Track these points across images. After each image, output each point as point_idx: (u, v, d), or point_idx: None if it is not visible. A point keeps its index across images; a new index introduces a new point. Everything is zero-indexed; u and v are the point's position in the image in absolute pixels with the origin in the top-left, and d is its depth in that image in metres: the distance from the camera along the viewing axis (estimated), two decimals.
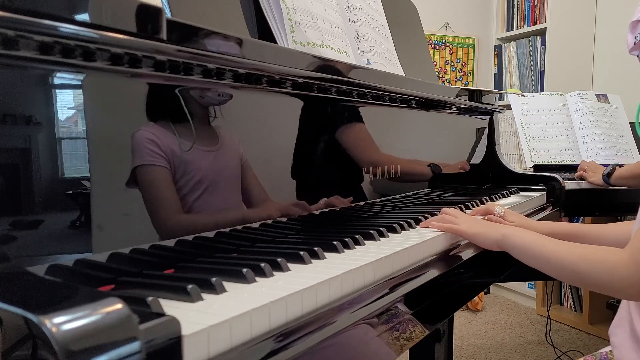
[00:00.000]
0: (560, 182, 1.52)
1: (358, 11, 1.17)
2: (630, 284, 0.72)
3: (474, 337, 2.49)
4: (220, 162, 0.69)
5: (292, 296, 0.50)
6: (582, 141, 2.10)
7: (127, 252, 0.56)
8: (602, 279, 0.74)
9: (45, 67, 0.49)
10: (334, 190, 0.92)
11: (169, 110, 0.62)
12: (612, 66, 2.76)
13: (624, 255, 0.73)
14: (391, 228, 0.84)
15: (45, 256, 0.49)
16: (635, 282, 0.71)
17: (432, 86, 1.23)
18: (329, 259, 0.65)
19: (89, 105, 0.53)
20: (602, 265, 0.74)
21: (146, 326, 0.35)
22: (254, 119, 0.76)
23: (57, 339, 0.31)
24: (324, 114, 0.90)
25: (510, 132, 2.27)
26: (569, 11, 2.79)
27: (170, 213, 0.61)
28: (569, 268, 0.77)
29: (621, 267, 0.72)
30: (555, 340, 2.32)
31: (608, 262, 0.74)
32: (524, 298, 2.98)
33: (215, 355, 0.41)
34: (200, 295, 0.48)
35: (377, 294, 0.61)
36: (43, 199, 0.50)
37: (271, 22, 0.91)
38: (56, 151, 0.51)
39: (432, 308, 0.74)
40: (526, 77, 2.99)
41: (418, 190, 1.22)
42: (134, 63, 0.56)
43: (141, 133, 0.58)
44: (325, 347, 0.50)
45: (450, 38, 3.16)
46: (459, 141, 1.47)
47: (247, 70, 0.70)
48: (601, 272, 0.74)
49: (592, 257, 0.75)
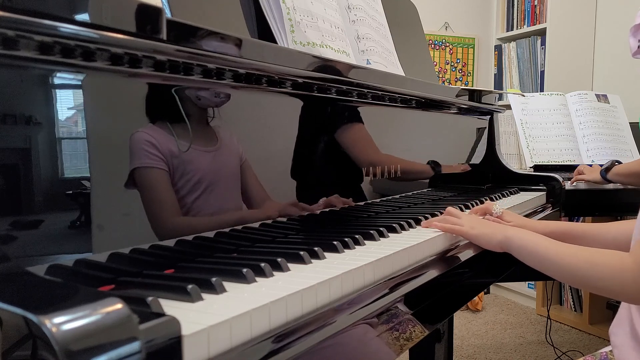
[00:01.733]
0: (560, 182, 1.52)
1: (358, 11, 1.17)
2: (635, 289, 0.72)
3: (474, 337, 2.49)
4: (220, 162, 0.69)
5: (292, 296, 0.50)
6: (582, 141, 2.10)
7: (127, 252, 0.56)
8: (605, 283, 0.74)
9: (45, 67, 0.49)
10: (334, 191, 0.92)
11: (169, 110, 0.62)
12: (612, 66, 2.76)
13: (629, 259, 0.73)
14: (391, 228, 0.84)
15: (45, 256, 0.49)
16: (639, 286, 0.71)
17: (432, 86, 1.23)
18: (329, 259, 0.65)
19: (89, 105, 0.53)
20: (606, 269, 0.74)
21: (146, 326, 0.35)
22: (253, 119, 0.76)
23: (57, 339, 0.31)
24: (324, 114, 0.90)
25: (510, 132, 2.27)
26: (569, 11, 2.79)
27: (168, 215, 0.61)
28: (573, 271, 0.77)
29: (625, 271, 0.72)
30: (555, 340, 2.32)
31: (612, 266, 0.73)
32: (524, 298, 2.98)
33: (215, 355, 0.41)
34: (200, 295, 0.48)
35: (377, 294, 0.61)
36: (43, 199, 0.50)
37: (271, 22, 0.91)
38: (56, 151, 0.51)
39: (432, 308, 0.74)
40: (526, 77, 2.99)
41: (418, 190, 1.22)
42: (134, 63, 0.56)
43: (139, 135, 0.58)
44: (326, 347, 0.50)
45: (450, 38, 3.16)
46: (459, 141, 1.47)
47: (247, 70, 0.70)
48: (605, 276, 0.74)
49: (596, 260, 0.75)
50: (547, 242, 0.82)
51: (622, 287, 0.73)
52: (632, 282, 0.72)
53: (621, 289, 0.73)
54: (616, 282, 0.73)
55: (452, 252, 0.84)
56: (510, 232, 0.85)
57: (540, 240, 0.82)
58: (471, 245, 0.88)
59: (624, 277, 0.72)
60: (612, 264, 0.74)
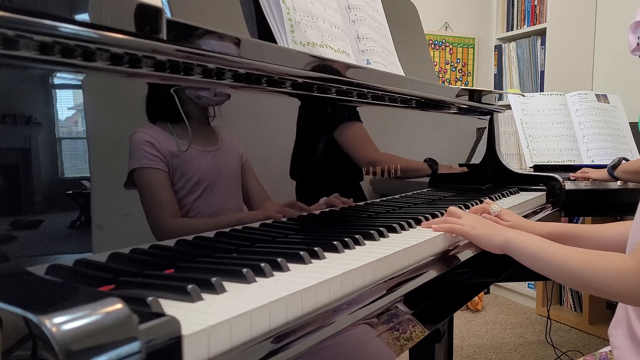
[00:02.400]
0: (560, 182, 1.52)
1: (358, 11, 1.17)
2: (635, 291, 0.72)
3: (474, 337, 2.49)
4: (220, 162, 0.69)
5: (292, 296, 0.50)
6: (582, 141, 2.11)
7: (127, 252, 0.56)
8: (606, 285, 0.74)
9: (45, 67, 0.49)
10: (333, 191, 0.92)
11: (169, 110, 0.62)
12: (612, 66, 2.76)
13: (629, 261, 0.73)
14: (391, 228, 0.84)
15: (45, 256, 0.49)
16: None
17: (432, 86, 1.23)
18: (329, 259, 0.65)
19: (89, 105, 0.53)
20: (606, 272, 0.74)
21: (146, 326, 0.35)
22: (253, 119, 0.76)
23: (57, 339, 0.31)
24: (324, 114, 0.90)
25: (510, 132, 2.27)
26: (569, 11, 2.79)
27: (167, 216, 0.61)
28: (573, 273, 0.77)
29: (626, 273, 0.72)
30: (555, 340, 2.32)
31: (613, 269, 0.73)
32: (524, 298, 2.98)
33: (215, 355, 0.41)
34: (200, 295, 0.48)
35: (377, 294, 0.61)
36: (43, 199, 0.50)
37: (271, 22, 0.91)
38: (56, 151, 0.51)
39: (432, 308, 0.74)
40: (526, 77, 2.99)
41: (418, 190, 1.22)
42: (134, 63, 0.56)
43: (139, 135, 0.58)
44: (325, 347, 0.50)
45: (450, 38, 3.16)
46: (459, 141, 1.47)
47: (247, 70, 0.70)
48: (606, 279, 0.74)
49: (596, 262, 0.75)
50: (546, 244, 0.81)
51: (623, 289, 0.73)
52: (633, 284, 0.71)
53: (622, 291, 0.73)
54: (616, 284, 0.73)
55: (452, 252, 0.84)
56: (509, 235, 0.85)
57: (539, 242, 0.82)
58: (471, 246, 0.88)
59: (624, 279, 0.72)
60: (612, 266, 0.74)
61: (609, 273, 0.74)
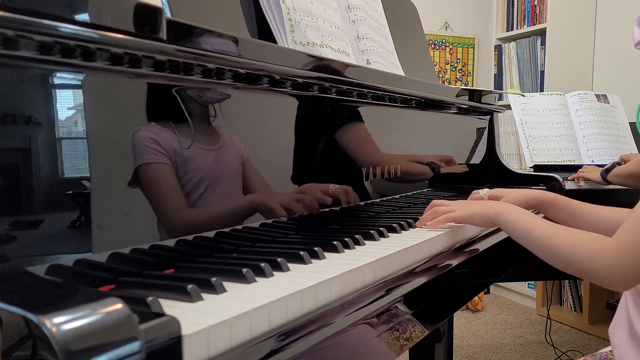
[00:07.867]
0: (560, 182, 1.52)
1: (358, 11, 1.17)
2: (614, 273, 0.71)
3: (474, 337, 2.49)
4: (222, 162, 0.69)
5: (292, 296, 0.50)
6: (582, 141, 2.11)
7: (127, 252, 0.56)
8: (586, 265, 0.74)
9: (45, 67, 0.49)
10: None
11: (169, 110, 0.62)
12: (612, 66, 2.76)
13: (611, 243, 0.73)
14: (391, 228, 0.84)
15: (45, 256, 0.49)
16: (619, 271, 0.71)
17: (432, 86, 1.23)
18: (329, 259, 0.65)
19: (89, 105, 0.53)
20: (587, 252, 0.74)
21: (146, 326, 0.35)
22: (253, 119, 0.76)
23: (57, 339, 0.31)
24: (324, 114, 0.90)
25: (510, 132, 2.27)
26: (569, 11, 2.79)
27: (176, 209, 0.61)
28: (556, 251, 0.77)
29: (606, 255, 0.72)
30: (555, 340, 2.32)
31: (593, 249, 0.73)
32: (524, 298, 2.98)
33: (215, 355, 0.41)
34: (200, 295, 0.48)
35: (377, 294, 0.61)
36: (43, 199, 0.50)
37: (271, 22, 0.91)
38: (56, 151, 0.51)
39: (432, 308, 0.74)
40: (526, 77, 2.99)
41: (418, 190, 1.22)
42: (133, 63, 0.56)
43: (142, 132, 0.58)
44: (325, 347, 0.50)
45: (450, 38, 3.16)
46: (459, 141, 1.47)
47: (247, 70, 0.70)
48: (586, 258, 0.74)
49: (579, 242, 0.75)
50: (534, 219, 0.82)
51: (601, 270, 0.72)
52: (610, 266, 0.71)
53: (600, 272, 0.73)
54: (596, 266, 0.73)
55: (452, 251, 0.84)
56: (500, 208, 0.86)
57: (528, 217, 0.82)
58: (471, 245, 0.88)
59: (604, 261, 0.72)
60: (593, 247, 0.74)
61: (588, 254, 0.73)
